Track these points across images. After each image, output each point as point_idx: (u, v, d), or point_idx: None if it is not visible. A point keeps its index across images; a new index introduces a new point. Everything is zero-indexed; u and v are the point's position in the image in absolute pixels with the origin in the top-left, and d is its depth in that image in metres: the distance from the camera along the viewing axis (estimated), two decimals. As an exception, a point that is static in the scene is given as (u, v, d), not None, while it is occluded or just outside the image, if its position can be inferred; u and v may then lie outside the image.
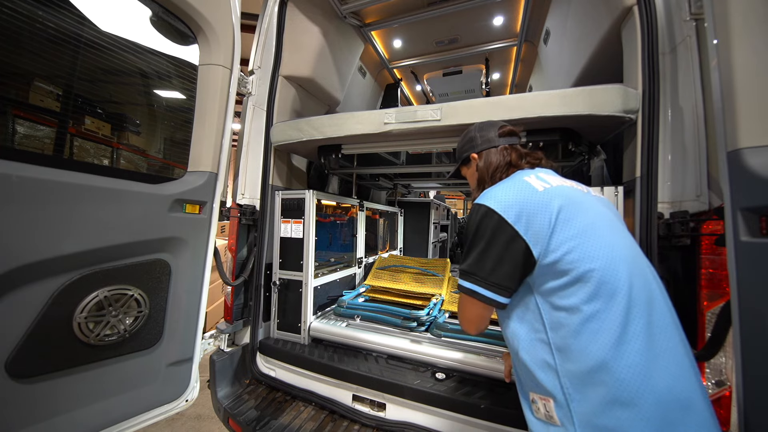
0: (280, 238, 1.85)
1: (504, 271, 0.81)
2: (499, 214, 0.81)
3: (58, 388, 1.02)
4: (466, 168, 1.17)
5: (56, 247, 0.97)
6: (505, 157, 1.03)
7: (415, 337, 1.66)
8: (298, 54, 1.95)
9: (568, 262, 0.76)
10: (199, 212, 1.35)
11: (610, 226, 0.84)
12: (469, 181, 1.19)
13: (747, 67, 0.74)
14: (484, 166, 1.05)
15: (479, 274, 0.84)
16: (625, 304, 0.73)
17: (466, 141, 1.14)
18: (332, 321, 1.86)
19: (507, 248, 0.81)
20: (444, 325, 1.65)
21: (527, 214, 0.80)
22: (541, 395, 0.81)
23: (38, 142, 1.10)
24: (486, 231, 0.83)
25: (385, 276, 2.23)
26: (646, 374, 0.68)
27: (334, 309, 1.97)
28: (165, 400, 1.31)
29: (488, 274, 0.83)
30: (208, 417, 2.60)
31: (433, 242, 3.89)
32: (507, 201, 0.83)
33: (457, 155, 1.19)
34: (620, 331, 0.71)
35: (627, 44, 1.31)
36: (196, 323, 1.39)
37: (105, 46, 1.13)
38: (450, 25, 2.42)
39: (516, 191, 0.85)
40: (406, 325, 1.74)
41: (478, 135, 1.10)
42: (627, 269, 0.76)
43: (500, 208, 0.82)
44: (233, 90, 1.43)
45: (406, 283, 2.12)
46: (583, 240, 0.78)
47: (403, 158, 2.58)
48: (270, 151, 1.84)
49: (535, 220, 0.80)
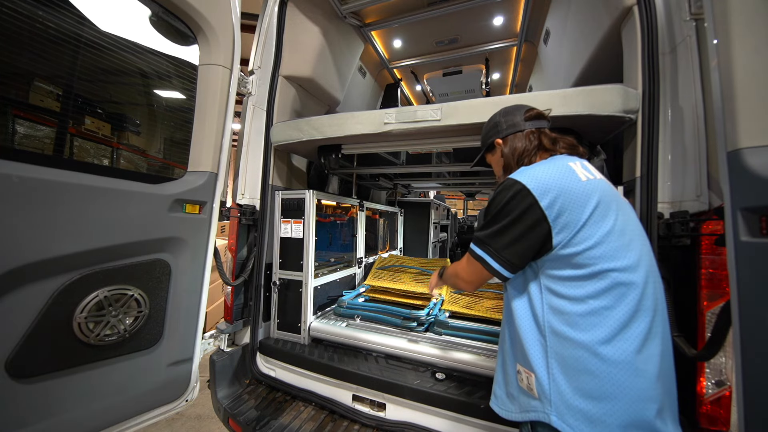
0: (280, 238, 1.85)
1: (518, 249, 0.82)
2: (534, 196, 0.79)
3: (58, 388, 1.02)
4: (490, 155, 1.12)
5: (56, 247, 0.97)
6: (532, 142, 0.98)
7: (415, 337, 1.66)
8: (298, 54, 1.95)
9: (590, 257, 0.76)
10: (199, 212, 1.34)
11: (639, 231, 0.85)
12: (494, 169, 1.15)
13: (747, 67, 0.74)
14: (510, 151, 1.00)
15: (493, 246, 0.85)
16: (632, 307, 0.75)
17: (490, 127, 1.09)
18: (332, 321, 1.86)
19: (530, 230, 0.80)
20: (445, 323, 1.65)
21: (563, 202, 0.78)
22: (526, 369, 0.85)
23: (38, 142, 1.10)
24: (515, 209, 0.81)
25: (385, 276, 2.23)
26: (633, 374, 0.72)
27: (334, 309, 1.96)
28: (165, 400, 1.31)
29: (502, 248, 0.84)
30: (208, 417, 2.60)
31: (433, 242, 3.89)
32: (546, 183, 0.80)
33: (482, 142, 1.15)
34: (619, 330, 0.74)
35: (627, 44, 1.31)
36: (196, 323, 1.39)
37: (105, 46, 1.13)
38: (450, 25, 2.42)
39: (558, 175, 0.82)
40: (406, 325, 1.74)
41: (502, 120, 1.05)
42: (644, 275, 0.78)
43: (537, 190, 0.80)
44: (233, 90, 1.43)
45: (406, 283, 2.11)
46: (611, 239, 0.77)
47: (403, 158, 2.58)
48: (270, 151, 1.84)
49: (570, 210, 0.78)
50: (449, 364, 1.47)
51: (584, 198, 0.79)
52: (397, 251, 3.45)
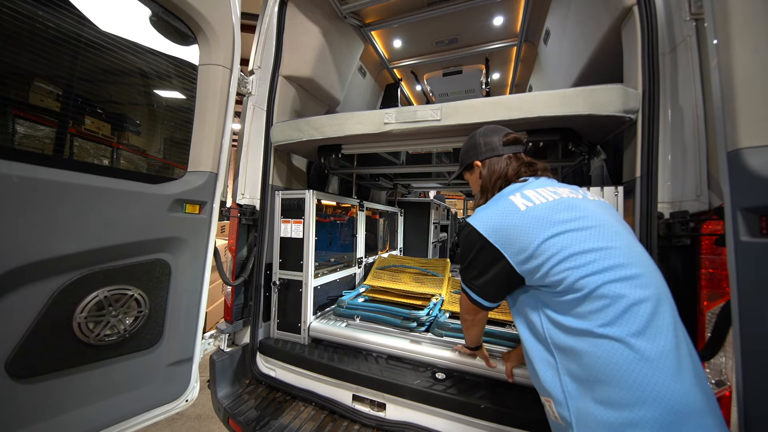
0: (280, 238, 1.85)
1: (486, 280, 0.92)
2: (482, 235, 0.90)
3: (58, 388, 1.02)
4: (469, 174, 1.18)
5: (56, 247, 0.97)
6: (509, 165, 1.05)
7: (415, 338, 1.65)
8: (298, 54, 1.95)
9: (569, 281, 0.76)
10: (199, 212, 1.34)
11: (621, 234, 0.83)
12: (471, 187, 1.20)
13: (747, 67, 0.74)
14: (488, 174, 1.07)
15: (468, 280, 0.97)
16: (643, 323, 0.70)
17: (469, 147, 1.15)
18: (332, 321, 1.85)
19: (490, 263, 0.90)
20: (445, 324, 1.64)
21: (507, 236, 0.86)
22: (545, 397, 0.83)
23: (38, 142, 1.10)
24: (472, 247, 0.93)
25: (384, 276, 2.22)
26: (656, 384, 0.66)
27: (333, 309, 1.96)
28: (165, 400, 1.31)
29: (473, 279, 0.96)
30: (208, 417, 2.60)
31: (433, 242, 3.89)
32: (490, 224, 0.90)
33: (461, 160, 1.20)
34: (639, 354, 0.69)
35: (627, 44, 1.31)
36: (196, 323, 1.39)
37: (105, 46, 1.13)
38: (450, 25, 2.42)
39: (499, 213, 0.91)
40: (405, 325, 1.73)
41: (482, 141, 1.11)
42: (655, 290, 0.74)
43: (484, 230, 0.90)
44: (233, 90, 1.43)
45: (406, 283, 2.11)
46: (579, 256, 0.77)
47: (403, 158, 2.58)
48: (270, 151, 1.84)
49: (515, 240, 0.85)
50: (449, 364, 1.47)
51: (524, 227, 0.84)
52: (397, 251, 3.45)
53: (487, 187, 1.06)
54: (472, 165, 1.13)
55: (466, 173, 1.20)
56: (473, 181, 1.16)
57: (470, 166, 1.14)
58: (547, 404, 0.83)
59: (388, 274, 2.25)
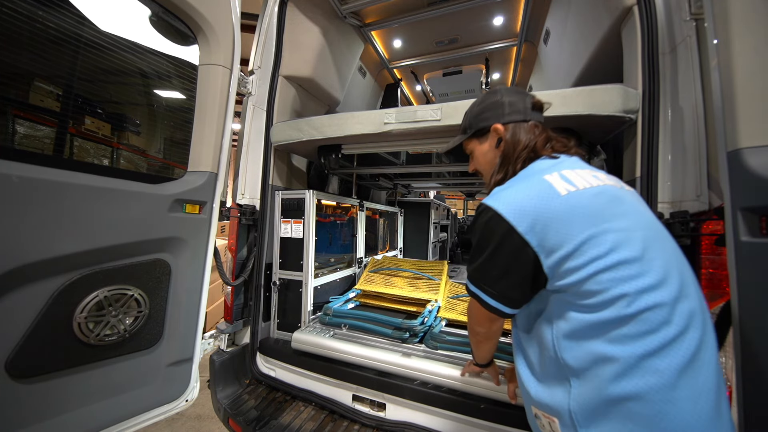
0: (280, 238, 1.85)
1: (510, 283, 0.73)
2: (509, 222, 0.69)
3: (58, 388, 1.02)
4: (477, 142, 0.94)
5: (56, 247, 0.97)
6: (537, 136, 0.84)
7: (408, 350, 1.48)
8: (298, 54, 1.95)
9: (600, 282, 0.63)
10: (199, 212, 1.34)
11: (656, 232, 0.70)
12: (477, 162, 0.97)
13: (747, 67, 0.74)
14: (512, 142, 0.85)
15: (484, 281, 0.76)
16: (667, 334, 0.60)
17: (487, 106, 0.91)
18: (317, 330, 1.69)
19: (516, 260, 0.70)
20: (440, 336, 1.45)
21: (542, 225, 0.68)
22: (545, 413, 0.72)
23: (38, 142, 1.10)
24: (492, 238, 0.72)
25: (377, 280, 2.08)
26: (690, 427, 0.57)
27: (319, 317, 1.77)
28: (165, 400, 1.31)
29: (493, 282, 0.75)
30: (208, 417, 2.60)
31: (433, 242, 3.89)
32: (520, 207, 0.70)
33: (469, 123, 0.95)
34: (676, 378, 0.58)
35: (627, 44, 1.31)
36: (196, 323, 1.39)
37: (105, 46, 1.13)
38: (450, 25, 2.42)
39: (533, 195, 0.71)
40: (397, 336, 1.53)
41: (506, 101, 0.88)
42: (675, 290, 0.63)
43: (512, 216, 0.70)
44: (233, 90, 1.43)
45: (400, 287, 1.96)
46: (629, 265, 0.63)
47: (403, 158, 2.58)
48: (270, 151, 1.84)
49: (553, 233, 0.67)
50: (446, 382, 1.32)
51: (567, 215, 0.67)
52: (397, 251, 3.45)
53: (509, 160, 0.84)
54: (488, 130, 0.90)
55: (473, 142, 0.96)
56: (482, 152, 0.93)
57: (483, 131, 0.91)
58: (547, 422, 0.72)
59: (381, 277, 2.11)
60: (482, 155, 0.94)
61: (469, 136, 0.96)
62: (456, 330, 1.57)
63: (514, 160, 0.84)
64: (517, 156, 0.84)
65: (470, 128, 0.94)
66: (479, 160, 0.96)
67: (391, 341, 1.55)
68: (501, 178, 0.85)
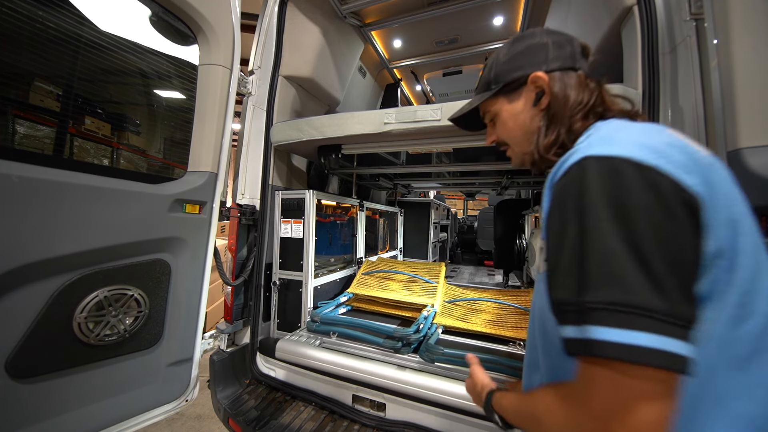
0: (280, 238, 1.85)
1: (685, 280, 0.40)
2: (671, 177, 0.41)
3: (58, 388, 1.02)
4: (505, 101, 0.70)
5: (56, 247, 0.97)
6: (593, 93, 0.62)
7: (402, 361, 1.36)
8: (298, 54, 1.95)
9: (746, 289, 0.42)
10: (199, 212, 1.35)
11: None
12: (504, 128, 0.72)
13: (747, 67, 0.74)
14: (562, 96, 0.61)
15: (653, 305, 0.37)
16: None
17: (521, 50, 0.67)
18: (303, 339, 1.58)
19: (690, 245, 0.40)
20: (436, 349, 1.30)
21: (717, 186, 0.43)
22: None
23: (38, 142, 1.10)
24: (646, 209, 0.39)
25: (371, 283, 1.98)
26: None
27: (307, 324, 1.67)
28: (165, 400, 1.31)
29: (664, 294, 0.37)
30: (208, 417, 2.60)
31: (433, 242, 3.89)
32: (679, 154, 0.43)
33: (494, 75, 0.70)
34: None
35: (627, 44, 1.31)
36: (196, 323, 1.39)
37: (105, 46, 1.13)
38: (450, 25, 2.42)
39: (684, 144, 0.46)
40: (389, 345, 1.40)
41: (549, 41, 0.65)
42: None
43: (671, 165, 0.41)
44: (233, 90, 1.43)
45: (394, 291, 1.86)
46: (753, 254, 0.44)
47: (403, 158, 2.58)
48: (270, 151, 1.84)
49: (726, 202, 0.43)
50: (445, 399, 1.21)
51: (729, 184, 0.46)
52: (397, 251, 3.45)
53: (562, 116, 0.61)
54: (523, 82, 0.66)
55: (499, 101, 0.71)
56: (512, 114, 0.69)
57: (515, 84, 0.67)
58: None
59: (375, 280, 2.01)
60: (512, 118, 0.69)
61: (493, 94, 0.70)
62: (454, 338, 1.50)
63: (570, 118, 0.61)
64: (573, 112, 0.61)
65: (496, 82, 0.69)
66: (507, 124, 0.70)
67: (383, 350, 1.43)
68: (551, 141, 0.61)
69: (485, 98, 0.73)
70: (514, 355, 1.33)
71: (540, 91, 0.65)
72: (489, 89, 0.72)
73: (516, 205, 3.20)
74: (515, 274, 3.23)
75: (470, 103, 0.78)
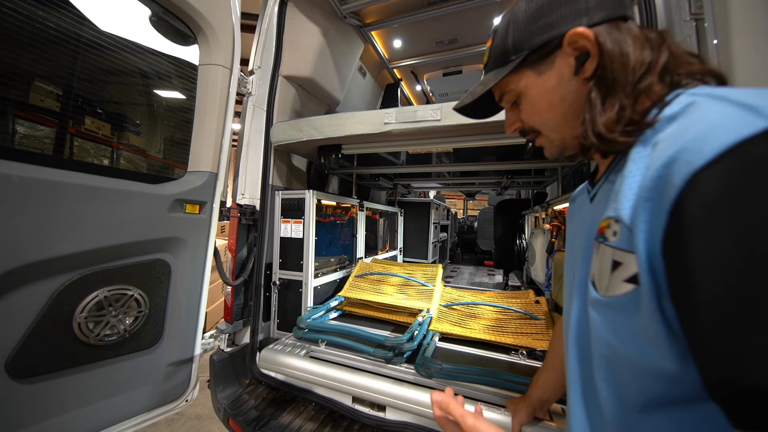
0: (280, 238, 1.85)
1: None
2: None
3: (58, 388, 1.02)
4: (532, 74, 0.53)
5: (56, 247, 0.97)
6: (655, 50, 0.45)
7: (396, 373, 1.27)
8: (298, 54, 1.95)
9: None
10: (199, 212, 1.35)
11: None
12: (532, 110, 0.55)
13: (747, 67, 0.74)
14: (618, 55, 0.45)
15: None
16: None
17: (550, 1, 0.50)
18: (289, 347, 1.50)
19: None
20: (433, 364, 1.18)
21: None
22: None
23: (38, 142, 1.10)
24: None
25: (364, 286, 1.90)
26: None
27: (293, 331, 1.56)
28: (165, 400, 1.31)
29: None
30: (208, 417, 2.60)
31: (433, 242, 3.89)
32: None
33: (513, 42, 0.53)
34: None
35: (627, 44, 1.31)
36: (196, 323, 1.39)
37: (105, 46, 1.13)
38: (450, 25, 2.42)
39: None
40: (380, 355, 1.30)
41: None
42: None
43: None
44: (233, 90, 1.43)
45: (389, 294, 1.78)
46: None
47: (403, 158, 2.59)
48: (270, 151, 1.84)
49: None
50: None
51: None
52: (397, 251, 3.45)
53: (622, 83, 0.45)
54: (557, 44, 0.49)
55: (524, 76, 0.54)
56: (544, 90, 0.52)
57: (546, 49, 0.50)
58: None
59: (368, 283, 1.93)
60: (544, 96, 0.52)
61: (514, 68, 0.53)
62: (451, 346, 1.45)
63: (632, 85, 0.44)
64: (635, 79, 0.44)
65: (517, 51, 0.52)
66: (538, 105, 0.54)
67: (374, 361, 1.34)
68: (613, 118, 0.44)
69: (504, 75, 0.54)
70: (515, 366, 1.28)
71: (582, 53, 0.48)
72: (507, 62, 0.54)
73: (516, 205, 3.20)
74: (515, 274, 3.23)
75: (483, 84, 0.59)
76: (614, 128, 0.44)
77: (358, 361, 1.36)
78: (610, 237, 0.40)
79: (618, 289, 0.38)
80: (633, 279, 0.35)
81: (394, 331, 1.57)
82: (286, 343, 1.56)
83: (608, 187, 0.47)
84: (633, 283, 0.35)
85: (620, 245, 0.38)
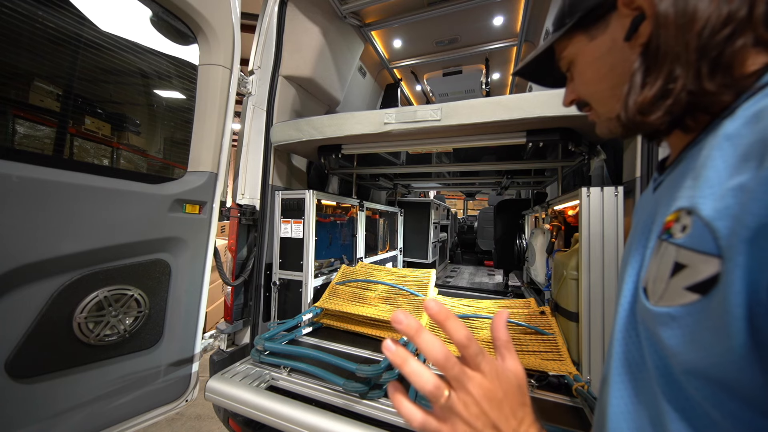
0: (280, 238, 1.85)
1: None
2: None
3: (58, 388, 1.02)
4: (584, 39, 0.48)
5: (56, 247, 0.97)
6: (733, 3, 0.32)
7: (370, 410, 1.02)
8: (298, 54, 1.95)
9: None
10: (199, 212, 1.35)
11: None
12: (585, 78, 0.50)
13: (747, 67, 0.74)
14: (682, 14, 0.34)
15: None
16: None
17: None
18: (247, 375, 1.26)
19: None
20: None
21: None
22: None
23: (38, 142, 1.10)
24: None
25: (344, 294, 1.66)
26: None
27: (251, 354, 1.35)
28: (165, 400, 1.31)
29: None
30: (208, 417, 2.60)
31: (433, 242, 3.89)
32: None
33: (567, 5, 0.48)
34: None
35: (627, 44, 1.31)
36: (196, 323, 1.39)
37: (105, 46, 1.13)
38: (450, 25, 2.42)
39: None
40: (351, 388, 1.05)
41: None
42: None
43: None
44: (233, 90, 1.43)
45: (373, 305, 1.52)
46: None
47: (403, 158, 2.59)
48: (270, 151, 1.84)
49: None
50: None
51: None
52: (397, 251, 3.45)
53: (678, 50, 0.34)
54: (611, 5, 0.43)
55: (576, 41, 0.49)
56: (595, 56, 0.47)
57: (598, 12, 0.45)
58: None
59: (350, 292, 1.70)
60: (593, 63, 0.47)
61: (566, 31, 0.49)
62: None
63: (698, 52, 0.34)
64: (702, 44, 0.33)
65: (571, 13, 0.47)
66: (586, 74, 0.49)
67: (344, 395, 1.09)
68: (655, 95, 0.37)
69: (556, 38, 0.51)
70: None
71: (638, 15, 0.40)
72: (563, 24, 0.50)
73: (516, 205, 3.20)
74: (515, 274, 3.23)
75: (537, 48, 0.58)
76: (649, 109, 0.38)
77: (329, 393, 1.12)
78: (677, 233, 0.31)
79: (675, 298, 0.30)
80: (699, 288, 0.28)
81: (377, 349, 1.36)
82: (239, 371, 1.29)
83: (681, 171, 0.38)
84: (698, 292, 0.28)
85: (689, 244, 0.30)
